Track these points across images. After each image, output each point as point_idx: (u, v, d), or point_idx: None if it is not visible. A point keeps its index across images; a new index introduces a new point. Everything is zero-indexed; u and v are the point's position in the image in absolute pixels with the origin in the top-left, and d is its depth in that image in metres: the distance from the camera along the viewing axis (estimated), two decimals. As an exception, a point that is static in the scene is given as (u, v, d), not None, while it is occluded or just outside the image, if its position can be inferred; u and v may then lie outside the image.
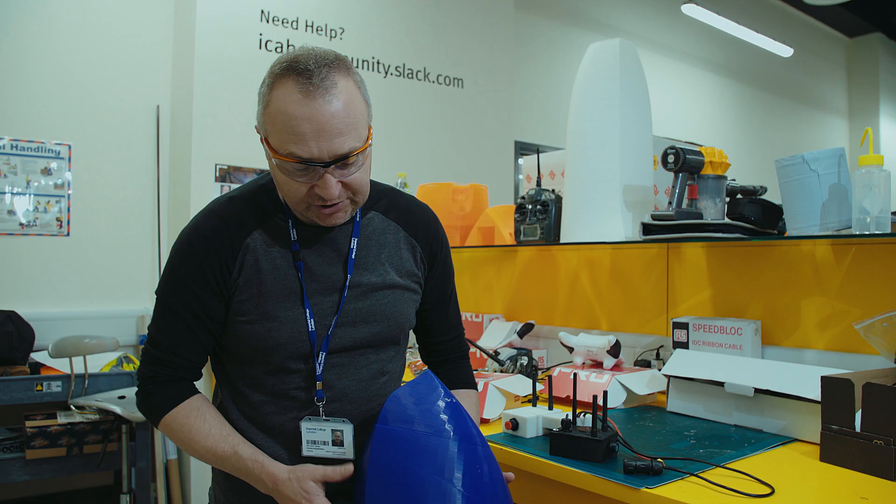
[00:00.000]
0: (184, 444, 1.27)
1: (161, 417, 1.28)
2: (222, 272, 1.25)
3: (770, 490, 1.24)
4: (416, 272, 1.40)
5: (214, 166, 3.70)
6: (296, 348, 1.26)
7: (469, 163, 4.75)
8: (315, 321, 1.27)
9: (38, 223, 3.62)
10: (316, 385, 1.28)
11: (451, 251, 2.99)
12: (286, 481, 1.20)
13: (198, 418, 1.26)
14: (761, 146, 8.04)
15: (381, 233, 1.36)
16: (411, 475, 1.15)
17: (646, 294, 2.31)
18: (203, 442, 1.24)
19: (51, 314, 3.59)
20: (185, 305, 1.26)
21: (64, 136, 3.69)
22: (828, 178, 1.77)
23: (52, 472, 3.17)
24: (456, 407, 1.21)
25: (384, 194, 1.41)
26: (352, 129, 1.15)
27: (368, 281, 1.32)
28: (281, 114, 1.13)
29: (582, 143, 2.24)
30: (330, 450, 1.26)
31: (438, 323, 1.50)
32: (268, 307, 1.25)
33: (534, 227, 2.40)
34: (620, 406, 1.91)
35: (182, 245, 1.27)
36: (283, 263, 1.27)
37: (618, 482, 1.30)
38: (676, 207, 1.96)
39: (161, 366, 1.29)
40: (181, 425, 1.26)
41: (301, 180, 1.18)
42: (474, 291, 2.97)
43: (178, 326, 1.27)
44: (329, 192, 1.17)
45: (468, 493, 1.14)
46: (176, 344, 1.28)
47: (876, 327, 1.58)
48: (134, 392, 3.08)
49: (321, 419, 1.27)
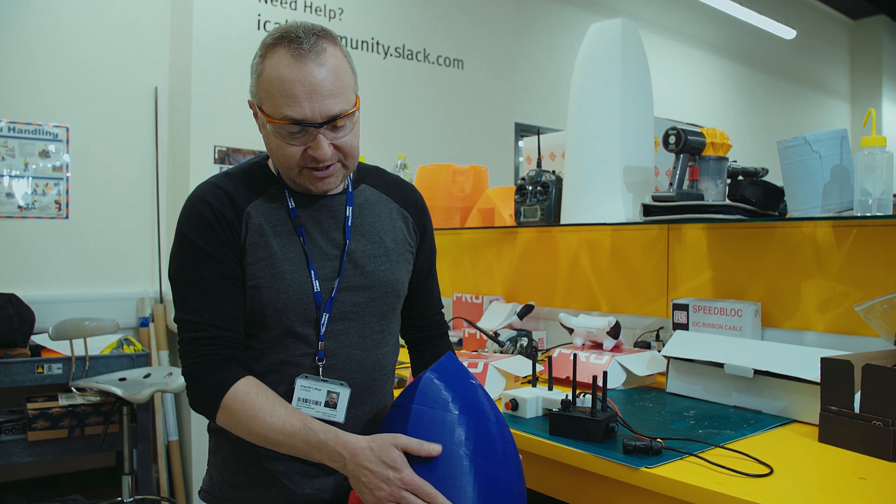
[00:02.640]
0: (246, 426, 1.19)
1: (219, 403, 1.20)
2: (232, 233, 1.26)
3: (769, 470, 1.24)
4: (409, 242, 1.45)
5: (213, 148, 3.69)
6: (302, 311, 1.28)
7: (469, 145, 4.73)
8: (319, 284, 1.29)
9: (36, 206, 3.62)
10: (318, 346, 1.29)
11: (451, 233, 3.01)
12: (365, 449, 1.13)
13: (259, 395, 1.20)
14: (763, 129, 8.02)
15: (373, 203, 1.41)
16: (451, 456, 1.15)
17: (646, 275, 2.31)
18: (268, 419, 1.18)
19: (51, 297, 3.59)
20: (211, 271, 1.24)
21: (62, 119, 3.67)
22: (830, 160, 1.76)
23: (53, 454, 3.19)
24: (482, 389, 1.25)
25: (371, 171, 1.48)
26: (341, 92, 1.22)
27: (366, 248, 1.35)
28: (274, 79, 1.19)
29: (583, 124, 2.23)
30: (320, 410, 1.27)
31: (425, 297, 1.55)
32: (275, 270, 1.27)
33: (534, 208, 2.39)
34: (620, 387, 1.92)
35: (189, 215, 1.28)
36: (284, 230, 1.30)
37: (617, 462, 1.31)
38: (677, 188, 1.96)
39: (204, 345, 1.23)
40: (242, 404, 1.19)
41: (295, 144, 1.22)
42: (474, 273, 2.97)
43: (210, 295, 1.24)
44: (322, 153, 1.22)
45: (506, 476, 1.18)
46: (213, 315, 1.24)
47: (876, 309, 1.58)
48: (134, 374, 3.06)
49: (318, 379, 1.28)
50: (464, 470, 1.14)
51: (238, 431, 1.21)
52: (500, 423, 1.23)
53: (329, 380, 1.29)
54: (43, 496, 3.42)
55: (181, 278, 1.27)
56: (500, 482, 1.18)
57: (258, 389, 1.22)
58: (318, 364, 1.29)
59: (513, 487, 1.20)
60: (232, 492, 1.32)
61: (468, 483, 1.14)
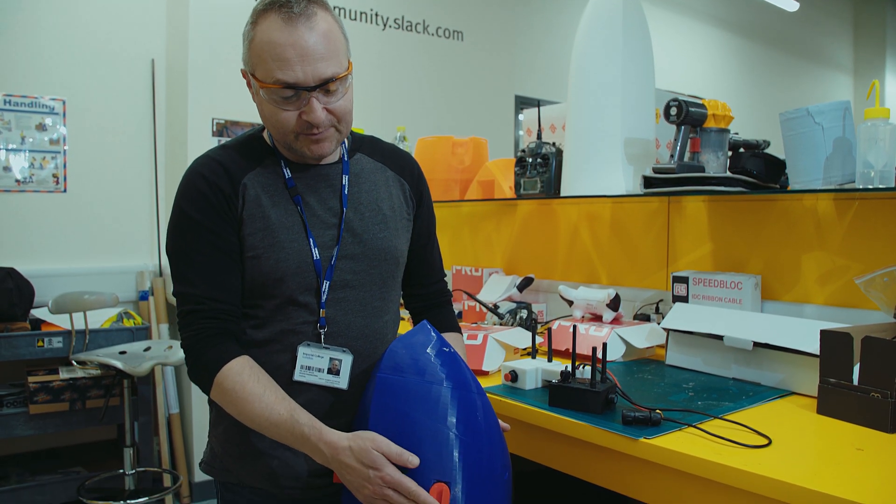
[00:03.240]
0: (236, 408, 1.21)
1: (213, 379, 1.21)
2: (229, 205, 1.26)
3: (767, 441, 1.24)
4: (406, 209, 1.45)
5: (211, 120, 3.67)
6: (302, 279, 1.28)
7: (469, 117, 4.70)
8: (318, 251, 1.29)
9: (34, 179, 3.60)
10: (320, 313, 1.29)
11: (451, 205, 3.00)
12: (346, 449, 1.14)
13: (250, 378, 1.20)
14: (764, 101, 7.96)
15: (369, 172, 1.41)
16: (412, 424, 1.16)
17: (646, 248, 2.30)
18: (256, 404, 1.18)
19: (50, 271, 3.58)
20: (207, 244, 1.25)
21: (58, 92, 3.64)
22: (832, 132, 1.75)
23: (55, 427, 3.21)
24: (453, 356, 1.22)
25: (367, 141, 1.47)
26: (333, 56, 1.21)
27: (363, 216, 1.36)
28: (266, 43, 1.19)
29: (583, 96, 2.21)
30: (324, 377, 1.28)
31: (425, 265, 1.54)
32: (273, 239, 1.27)
33: (534, 180, 2.38)
34: (619, 359, 1.92)
35: (185, 190, 1.28)
36: (281, 200, 1.30)
37: (616, 433, 1.31)
38: (678, 160, 1.95)
39: (201, 318, 1.24)
40: (233, 384, 1.20)
41: (289, 109, 1.22)
42: (474, 245, 2.97)
43: (207, 268, 1.25)
44: (316, 116, 1.21)
45: (468, 440, 1.16)
46: (209, 287, 1.24)
47: (876, 282, 1.57)
48: (134, 347, 3.07)
49: (321, 346, 1.29)
50: (449, 443, 1.15)
51: (229, 411, 1.23)
52: (481, 393, 1.23)
53: (331, 347, 1.29)
54: (45, 469, 3.44)
55: (178, 252, 1.27)
56: (483, 453, 1.18)
57: (250, 372, 1.22)
58: (320, 332, 1.30)
59: (495, 458, 1.21)
60: (233, 463, 1.32)
61: (453, 455, 1.14)
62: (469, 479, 1.14)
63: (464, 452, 1.15)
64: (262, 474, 1.30)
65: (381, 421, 1.19)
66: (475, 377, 1.25)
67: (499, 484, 1.20)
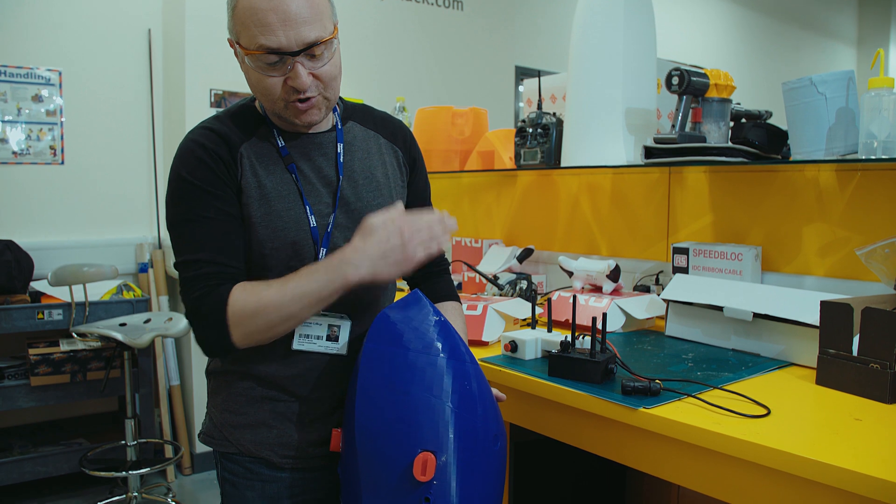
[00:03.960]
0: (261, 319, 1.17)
1: (226, 319, 1.18)
2: (229, 171, 1.25)
3: (766, 411, 1.25)
4: (400, 176, 1.45)
5: (209, 91, 3.64)
6: (300, 247, 1.27)
7: (468, 88, 4.67)
8: (315, 219, 1.29)
9: (31, 151, 3.58)
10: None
11: (450, 176, 2.98)
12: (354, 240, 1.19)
13: (255, 288, 1.19)
14: (767, 72, 7.90)
15: (362, 140, 1.40)
16: (401, 394, 1.15)
17: (646, 219, 2.29)
18: (275, 296, 1.17)
19: (49, 243, 3.58)
20: (210, 207, 1.22)
21: (54, 62, 3.61)
22: (835, 102, 1.73)
23: (56, 399, 3.22)
24: (444, 325, 1.20)
25: (358, 109, 1.46)
26: (317, 20, 1.19)
27: (357, 183, 1.35)
28: (248, 10, 1.17)
29: (584, 66, 2.19)
30: (323, 344, 1.29)
31: None
32: (270, 208, 1.26)
33: (534, 150, 2.37)
34: (619, 330, 1.92)
35: (183, 157, 1.26)
36: (276, 169, 1.29)
37: (616, 402, 1.32)
38: (679, 130, 1.93)
39: (205, 279, 1.21)
40: (247, 303, 1.17)
41: (274, 75, 1.21)
42: (473, 216, 2.96)
43: (211, 231, 1.22)
44: (301, 81, 1.20)
45: (459, 410, 1.15)
46: (214, 251, 1.22)
47: (877, 253, 1.57)
48: (134, 319, 3.07)
49: (318, 313, 1.28)
50: (439, 413, 1.14)
51: (258, 333, 1.19)
52: (473, 362, 1.21)
53: (329, 313, 1.29)
54: (47, 440, 3.47)
55: (180, 220, 1.24)
56: (476, 422, 1.17)
57: (252, 286, 1.20)
58: None
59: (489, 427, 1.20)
60: (232, 433, 1.32)
61: (443, 425, 1.13)
62: (461, 449, 1.13)
63: (455, 422, 1.14)
64: (260, 444, 1.30)
65: (368, 392, 1.18)
66: (467, 346, 1.24)
67: (491, 453, 1.20)
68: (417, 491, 1.11)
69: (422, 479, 1.10)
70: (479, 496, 1.16)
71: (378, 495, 1.15)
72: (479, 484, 1.16)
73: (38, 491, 3.41)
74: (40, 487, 3.42)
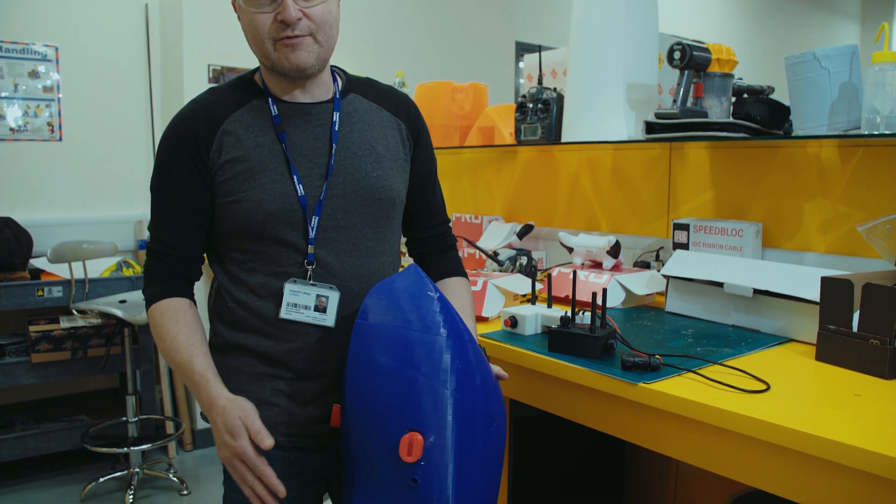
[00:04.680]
0: (157, 342, 1.31)
1: (147, 311, 1.33)
2: (200, 154, 1.27)
3: (765, 386, 1.25)
4: (403, 149, 1.42)
5: (207, 67, 3.61)
6: (287, 217, 1.27)
7: (468, 64, 4.63)
8: (304, 187, 1.28)
9: (28, 128, 3.56)
10: (308, 249, 1.28)
11: (450, 152, 2.97)
12: (220, 408, 1.21)
13: (171, 319, 1.28)
14: (770, 48, 7.83)
15: (363, 112, 1.38)
16: (395, 373, 1.12)
17: (647, 195, 2.29)
18: (168, 343, 1.27)
19: (48, 220, 3.57)
20: (172, 196, 1.30)
21: (50, 38, 3.58)
22: (839, 77, 1.72)
23: (57, 375, 3.23)
24: (443, 301, 1.17)
25: (362, 82, 1.44)
26: None
27: (355, 154, 1.33)
28: None
29: (585, 40, 2.17)
30: (310, 315, 1.28)
31: (426, 208, 1.50)
32: (254, 182, 1.26)
33: (534, 126, 2.35)
34: (619, 306, 1.92)
35: (165, 134, 1.31)
36: (265, 140, 1.28)
37: (615, 377, 1.32)
38: (681, 105, 1.92)
39: (157, 259, 1.33)
40: (156, 323, 1.30)
41: (264, 10, 1.22)
42: (473, 193, 2.95)
43: (169, 218, 1.31)
44: (289, 14, 1.20)
45: (456, 393, 1.12)
46: (169, 236, 1.31)
47: (878, 229, 1.56)
48: (134, 296, 3.08)
49: (307, 283, 1.28)
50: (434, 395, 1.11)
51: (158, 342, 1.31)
52: (472, 340, 1.19)
53: (318, 284, 1.28)
54: (49, 416, 3.49)
55: (152, 191, 1.34)
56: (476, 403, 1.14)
57: (174, 314, 1.29)
58: (308, 268, 1.28)
59: (490, 405, 1.18)
60: (234, 411, 1.33)
61: (437, 406, 1.11)
62: (455, 429, 1.11)
63: (449, 403, 1.11)
64: (263, 422, 1.30)
65: (359, 369, 1.16)
66: (466, 324, 1.20)
67: (488, 434, 1.17)
68: (405, 471, 1.09)
69: (407, 460, 1.08)
70: (476, 478, 1.14)
71: (371, 475, 1.14)
72: (476, 465, 1.14)
73: (41, 467, 3.44)
74: (42, 463, 3.45)
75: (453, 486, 1.10)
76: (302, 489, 1.34)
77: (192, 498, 3.22)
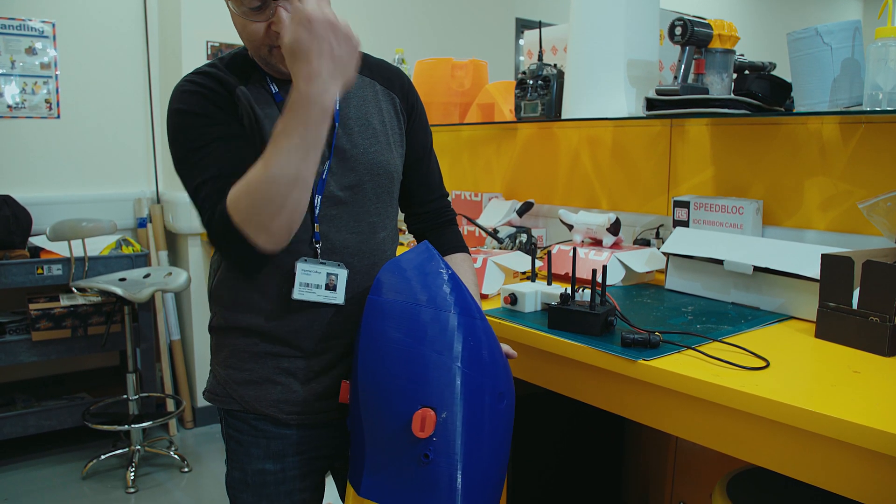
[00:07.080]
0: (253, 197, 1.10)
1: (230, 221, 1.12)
2: (228, 102, 1.24)
3: (765, 363, 1.25)
4: (398, 123, 1.42)
5: (206, 44, 3.58)
6: None
7: (468, 40, 4.59)
8: None
9: (26, 105, 3.54)
10: (314, 228, 1.28)
11: (450, 129, 2.95)
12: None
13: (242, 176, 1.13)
14: (771, 24, 7.78)
15: (357, 87, 1.37)
16: (405, 349, 1.14)
17: (647, 172, 2.28)
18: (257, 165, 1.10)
19: (46, 198, 3.56)
20: (209, 133, 1.19)
21: (47, 14, 3.55)
22: (841, 53, 1.70)
23: (58, 353, 3.24)
24: (454, 278, 1.19)
25: None
26: None
27: (353, 131, 1.33)
28: None
29: (586, 16, 2.15)
30: (322, 294, 1.27)
31: (423, 181, 1.50)
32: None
33: (535, 102, 2.34)
34: (619, 283, 1.92)
35: (178, 96, 1.23)
36: (272, 113, 1.26)
37: (615, 354, 1.32)
38: (682, 82, 1.90)
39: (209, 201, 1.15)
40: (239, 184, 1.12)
41: (257, 20, 1.19)
42: (473, 170, 2.94)
43: (211, 154, 1.18)
44: (282, 26, 1.15)
45: (467, 370, 1.13)
46: (216, 171, 1.16)
47: (879, 207, 1.56)
48: (134, 274, 3.06)
49: (317, 262, 1.27)
50: (448, 371, 1.12)
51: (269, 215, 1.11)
52: (482, 318, 1.19)
53: (328, 262, 1.28)
54: (50, 394, 3.50)
55: (182, 154, 1.21)
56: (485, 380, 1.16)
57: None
58: (316, 246, 1.28)
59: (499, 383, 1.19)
60: (236, 390, 1.32)
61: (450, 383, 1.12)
62: (466, 406, 1.12)
63: (460, 379, 1.12)
64: (265, 400, 1.30)
65: (372, 345, 1.17)
66: (476, 301, 1.22)
67: (498, 411, 1.18)
68: (417, 447, 1.11)
69: (420, 436, 1.09)
70: (486, 454, 1.15)
71: (380, 450, 1.15)
72: (486, 442, 1.15)
73: (42, 444, 3.46)
74: (44, 441, 3.46)
75: (463, 461, 1.11)
76: (305, 467, 1.34)
77: (192, 475, 3.24)
